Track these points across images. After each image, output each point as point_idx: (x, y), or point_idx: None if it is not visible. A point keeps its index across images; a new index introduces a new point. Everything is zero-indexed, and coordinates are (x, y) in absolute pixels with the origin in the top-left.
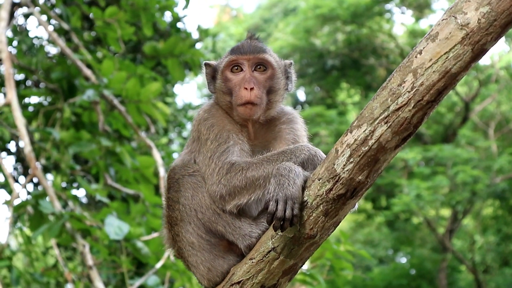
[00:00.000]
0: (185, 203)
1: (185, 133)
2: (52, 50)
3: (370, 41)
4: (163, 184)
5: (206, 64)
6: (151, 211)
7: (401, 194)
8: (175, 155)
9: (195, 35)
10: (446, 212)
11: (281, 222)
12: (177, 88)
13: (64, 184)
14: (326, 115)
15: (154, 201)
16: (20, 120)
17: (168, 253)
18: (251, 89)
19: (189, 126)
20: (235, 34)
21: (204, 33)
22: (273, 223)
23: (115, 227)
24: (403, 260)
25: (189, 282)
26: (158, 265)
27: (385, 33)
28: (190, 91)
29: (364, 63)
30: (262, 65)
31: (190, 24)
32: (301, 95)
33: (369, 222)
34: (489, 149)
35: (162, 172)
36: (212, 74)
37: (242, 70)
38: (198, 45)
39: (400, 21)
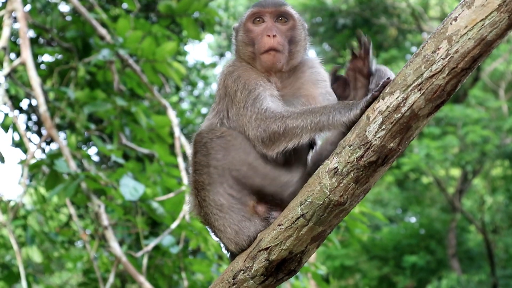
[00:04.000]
0: (217, 165)
1: (196, 92)
2: (66, 9)
3: (382, 0)
4: (178, 144)
5: (233, 28)
6: (166, 171)
7: (410, 154)
8: (187, 114)
9: None
10: (456, 172)
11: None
12: (188, 47)
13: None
14: None
15: (169, 160)
16: (35, 79)
17: (184, 214)
18: (274, 36)
19: (200, 84)
20: None
21: None
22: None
23: (130, 187)
24: (413, 219)
25: (204, 242)
26: (173, 225)
27: None
28: (202, 50)
29: (375, 22)
30: (283, 16)
31: None
32: (312, 53)
33: (379, 181)
34: (500, 109)
35: (177, 132)
36: (236, 34)
37: (264, 21)
38: (211, 4)
39: None
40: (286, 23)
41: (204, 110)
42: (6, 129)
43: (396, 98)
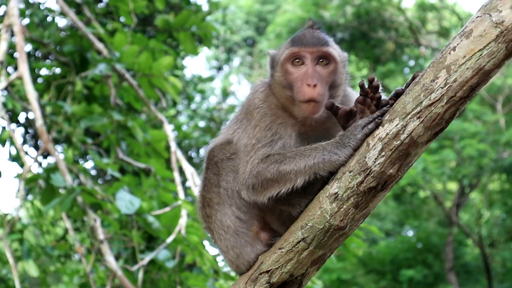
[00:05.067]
0: (227, 186)
1: (193, 105)
2: (64, 23)
3: (379, 14)
4: (174, 159)
5: (268, 53)
6: (162, 185)
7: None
8: (184, 128)
9: (205, 7)
10: (453, 186)
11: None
12: (186, 61)
13: (76, 157)
14: None
15: (166, 175)
16: (32, 93)
17: (180, 228)
18: (314, 85)
19: (197, 98)
20: (244, 6)
21: (214, 5)
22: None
23: (126, 201)
24: (410, 233)
25: (200, 257)
26: (169, 239)
27: (394, 6)
28: (200, 63)
29: (373, 36)
30: (325, 58)
31: None
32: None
33: None
34: (497, 123)
35: (173, 146)
36: (271, 64)
37: (303, 63)
38: (208, 18)
39: None
40: (328, 66)
41: (201, 123)
42: (3, 143)
43: (396, 126)
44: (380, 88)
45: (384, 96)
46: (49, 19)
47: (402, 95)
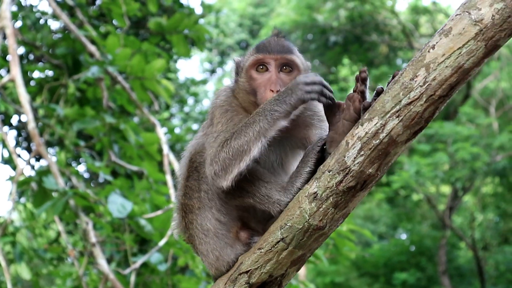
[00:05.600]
0: (207, 188)
1: (186, 108)
2: (56, 26)
3: (373, 18)
4: (167, 161)
5: (233, 60)
6: (155, 188)
7: (400, 171)
8: (176, 130)
9: (198, 10)
10: (446, 189)
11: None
12: (179, 63)
13: (69, 160)
14: None
15: (158, 177)
16: (24, 96)
17: (172, 231)
18: (277, 91)
19: (190, 101)
20: (237, 9)
21: (208, 8)
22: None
23: (118, 205)
24: (403, 236)
25: (192, 260)
26: (162, 242)
27: (388, 9)
28: (192, 66)
29: (366, 39)
30: (288, 65)
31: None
32: None
33: (369, 198)
34: (490, 126)
35: (165, 149)
36: (236, 70)
37: (267, 70)
38: (201, 21)
39: None
40: (291, 73)
41: (194, 126)
42: None
43: (375, 125)
44: (367, 82)
45: (368, 95)
46: (41, 21)
47: (382, 93)
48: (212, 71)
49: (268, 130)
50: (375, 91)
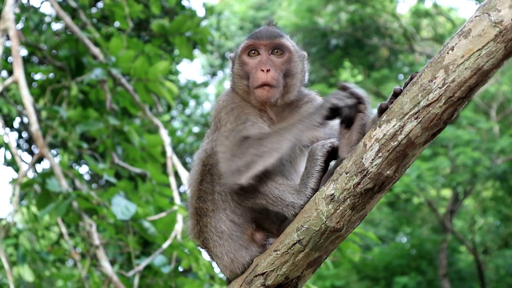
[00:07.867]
0: (221, 190)
1: (188, 111)
2: (59, 28)
3: (374, 21)
4: (170, 164)
5: (228, 57)
6: (158, 190)
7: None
8: (178, 133)
9: (200, 12)
10: (447, 193)
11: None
12: (181, 66)
13: (70, 162)
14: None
15: (161, 180)
16: (27, 98)
17: (175, 233)
18: (268, 70)
19: (192, 103)
20: (238, 12)
21: (209, 10)
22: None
23: (122, 207)
24: (404, 240)
25: (195, 262)
26: (165, 245)
27: (389, 12)
28: (194, 69)
29: (367, 42)
30: (279, 49)
31: (194, 2)
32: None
33: None
34: (491, 130)
35: (169, 151)
36: (232, 64)
37: (259, 54)
38: (202, 23)
39: (404, 0)
40: (282, 56)
41: (195, 129)
42: None
43: (393, 126)
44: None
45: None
46: (44, 24)
47: (400, 95)
48: (213, 74)
49: (303, 133)
50: (392, 92)
